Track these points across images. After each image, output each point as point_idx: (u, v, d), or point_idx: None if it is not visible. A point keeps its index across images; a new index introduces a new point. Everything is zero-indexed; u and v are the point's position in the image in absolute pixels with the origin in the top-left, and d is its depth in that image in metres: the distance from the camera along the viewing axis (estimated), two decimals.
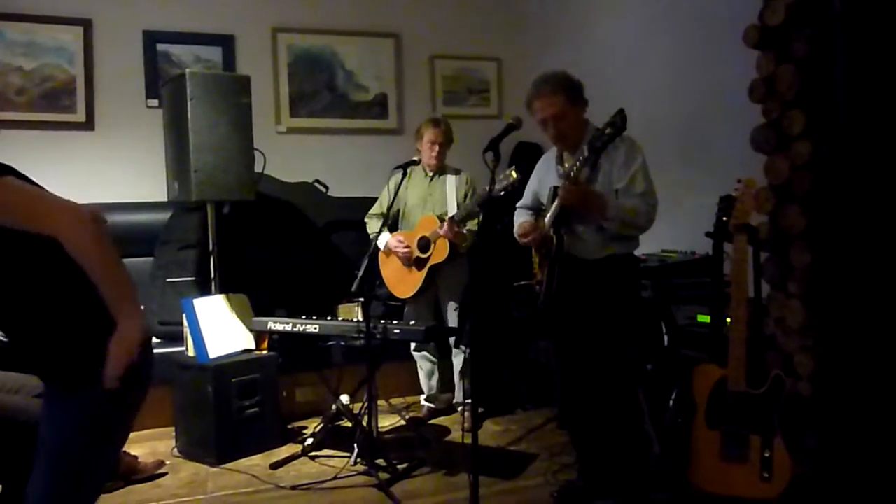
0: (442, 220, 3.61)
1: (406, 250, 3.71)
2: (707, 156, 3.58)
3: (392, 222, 3.84)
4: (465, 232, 3.61)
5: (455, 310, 3.74)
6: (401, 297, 3.78)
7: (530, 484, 3.08)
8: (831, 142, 2.49)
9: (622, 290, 2.71)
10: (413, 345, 3.90)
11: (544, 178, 2.88)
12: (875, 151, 2.43)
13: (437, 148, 3.72)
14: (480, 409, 3.83)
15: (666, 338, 3.20)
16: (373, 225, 3.86)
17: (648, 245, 3.19)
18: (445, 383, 3.95)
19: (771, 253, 2.71)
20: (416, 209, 3.78)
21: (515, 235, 2.92)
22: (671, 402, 2.93)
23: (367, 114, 5.08)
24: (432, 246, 3.65)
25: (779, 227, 2.66)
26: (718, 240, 2.66)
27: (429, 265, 3.65)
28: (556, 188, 2.70)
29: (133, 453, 3.21)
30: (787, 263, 2.64)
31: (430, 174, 3.81)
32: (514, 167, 3.17)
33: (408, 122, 5.06)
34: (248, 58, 4.77)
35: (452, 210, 3.65)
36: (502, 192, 3.10)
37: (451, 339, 3.76)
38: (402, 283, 3.75)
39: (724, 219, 2.57)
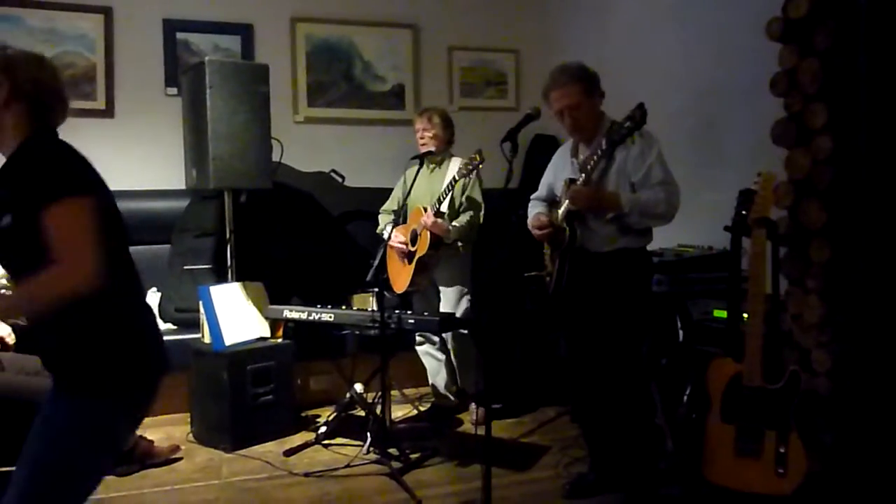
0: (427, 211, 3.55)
1: (401, 244, 3.68)
2: (725, 150, 3.55)
3: (404, 216, 3.79)
4: (444, 222, 3.52)
5: (449, 300, 3.66)
6: (397, 291, 3.73)
7: (542, 476, 3.09)
8: (853, 137, 2.45)
9: (631, 284, 2.70)
10: (418, 339, 3.84)
11: (560, 170, 2.88)
12: None
13: (422, 137, 3.68)
14: (496, 406, 3.79)
15: (681, 333, 3.18)
16: (382, 220, 3.85)
17: (664, 239, 3.17)
18: (451, 374, 3.85)
19: (790, 248, 2.69)
20: (419, 201, 3.70)
21: (529, 227, 2.92)
22: (685, 398, 2.92)
23: (384, 104, 5.08)
24: (418, 238, 3.61)
25: (798, 223, 2.63)
26: (737, 234, 2.63)
27: (416, 258, 3.60)
28: (571, 180, 2.69)
29: (149, 437, 3.25)
30: (805, 259, 2.61)
31: (432, 167, 3.76)
32: (479, 150, 3.35)
33: None
34: (267, 47, 4.78)
35: (447, 199, 3.57)
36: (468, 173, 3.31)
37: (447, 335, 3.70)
38: (398, 277, 3.73)
39: (743, 213, 2.54)
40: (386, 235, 3.68)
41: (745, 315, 2.50)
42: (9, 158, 1.58)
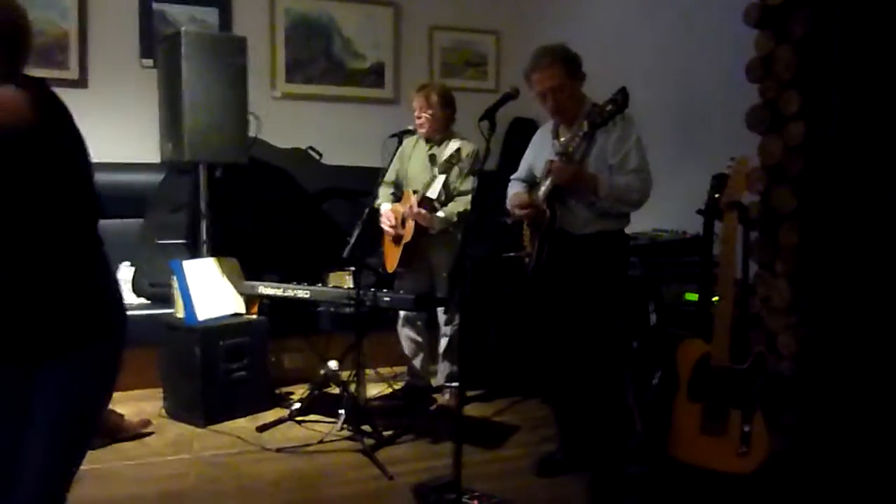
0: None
1: (391, 224, 3.64)
2: (701, 135, 3.59)
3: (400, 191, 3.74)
4: (427, 213, 3.44)
5: (443, 288, 3.61)
6: (388, 269, 3.71)
7: (511, 454, 3.13)
8: (825, 124, 2.50)
9: (610, 267, 2.73)
10: (399, 321, 3.80)
11: (539, 151, 2.89)
12: (868, 135, 2.44)
13: (419, 117, 3.57)
14: (471, 393, 3.80)
15: (653, 316, 3.23)
16: (381, 193, 3.68)
17: (639, 223, 3.20)
18: (432, 356, 3.85)
19: (760, 232, 2.74)
20: (415, 180, 3.63)
21: (509, 207, 2.93)
22: (655, 380, 2.96)
23: (363, 82, 5.05)
24: (406, 223, 3.57)
25: (769, 207, 2.68)
26: (709, 218, 2.67)
27: (402, 243, 3.57)
28: (551, 162, 2.70)
29: (120, 412, 3.23)
30: (775, 243, 2.66)
31: (429, 143, 3.67)
32: (458, 149, 3.35)
33: (404, 93, 5.02)
34: (245, 20, 4.71)
35: (436, 186, 3.47)
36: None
37: (442, 320, 3.71)
38: (389, 256, 3.71)
39: (717, 196, 2.58)
40: (383, 211, 3.63)
41: (716, 298, 2.54)
42: None
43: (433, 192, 3.49)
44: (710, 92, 3.50)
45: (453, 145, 3.52)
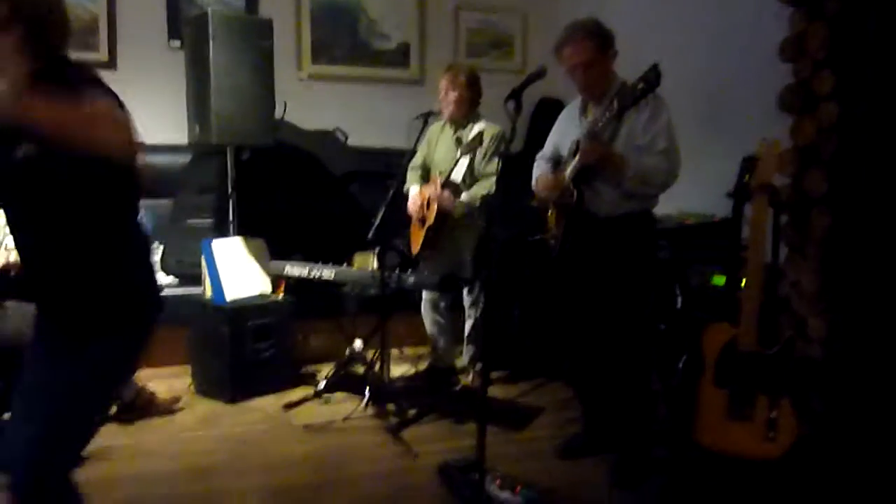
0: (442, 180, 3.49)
1: (417, 206, 3.63)
2: (731, 117, 3.52)
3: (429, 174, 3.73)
4: (450, 196, 3.44)
5: (468, 272, 3.61)
6: (413, 252, 3.71)
7: (535, 436, 3.14)
8: (859, 104, 2.43)
9: (637, 248, 2.70)
10: (423, 303, 3.80)
11: (566, 130, 2.85)
12: None
13: (446, 96, 3.54)
14: (495, 374, 3.80)
15: (679, 299, 3.20)
16: (410, 177, 3.69)
17: (666, 206, 3.16)
18: (457, 338, 3.85)
19: (791, 216, 2.69)
20: (441, 164, 3.62)
21: (534, 188, 2.90)
22: (681, 364, 2.94)
23: (388, 63, 5.03)
24: (430, 205, 3.56)
25: (801, 190, 2.63)
26: (739, 201, 2.64)
27: (426, 226, 3.57)
28: (578, 141, 2.67)
29: (150, 389, 3.30)
30: (806, 227, 2.62)
31: (453, 125, 3.65)
32: (481, 132, 3.34)
33: (429, 73, 5.00)
34: (271, 2, 4.71)
35: (460, 168, 3.48)
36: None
37: (467, 301, 3.72)
38: (414, 238, 3.71)
39: (747, 178, 2.54)
40: (411, 194, 3.63)
41: (744, 282, 2.51)
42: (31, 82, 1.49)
43: (457, 176, 3.49)
44: (741, 72, 3.43)
45: (478, 128, 3.51)
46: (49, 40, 1.52)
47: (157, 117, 4.39)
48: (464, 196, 3.50)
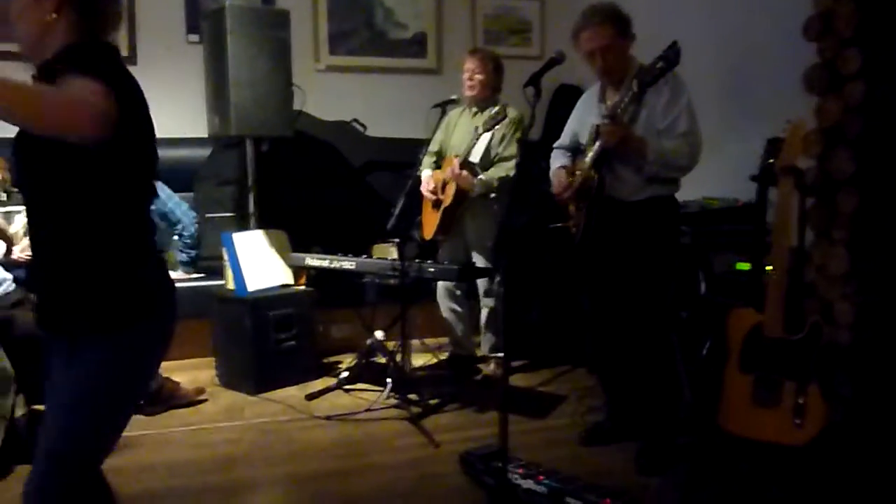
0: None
1: (431, 189, 3.65)
2: (754, 98, 3.46)
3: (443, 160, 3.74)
4: (468, 175, 3.46)
5: (481, 257, 3.62)
6: (426, 237, 3.74)
7: (558, 423, 3.13)
8: (886, 83, 2.37)
9: (661, 233, 2.68)
10: (439, 292, 3.81)
11: (585, 116, 2.83)
12: None
13: (471, 79, 3.57)
14: (515, 364, 3.79)
15: (703, 286, 3.16)
16: (424, 161, 3.70)
17: (689, 191, 3.12)
18: (474, 326, 3.87)
19: (817, 198, 2.63)
20: (458, 147, 3.62)
21: (553, 189, 2.86)
22: (705, 350, 2.91)
23: (405, 53, 5.01)
24: (446, 187, 3.58)
25: (826, 172, 2.57)
26: (764, 184, 2.59)
27: (442, 207, 3.58)
28: (598, 126, 2.64)
29: (175, 379, 3.33)
30: (833, 209, 2.56)
31: (475, 109, 3.66)
32: (504, 105, 3.36)
33: (446, 62, 4.98)
34: None
35: (478, 149, 3.50)
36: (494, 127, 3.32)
37: (481, 289, 3.71)
38: (428, 223, 3.72)
39: (771, 161, 2.49)
40: (424, 177, 3.64)
41: (769, 267, 2.47)
42: (49, 59, 1.48)
43: (475, 156, 3.50)
44: (763, 52, 3.36)
45: (491, 110, 3.50)
46: (98, 28, 1.52)
47: (177, 111, 4.44)
48: (482, 175, 3.50)
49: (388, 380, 3.31)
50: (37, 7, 1.46)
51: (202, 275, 4.09)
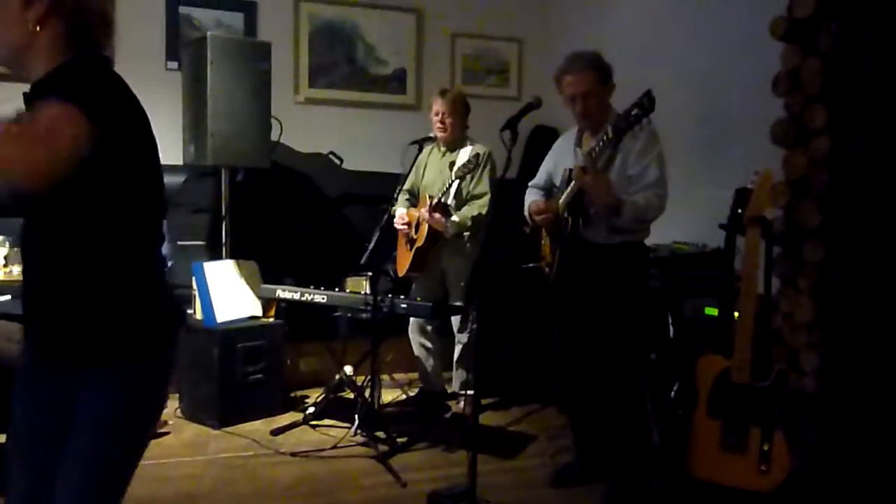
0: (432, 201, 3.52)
1: (404, 227, 3.66)
2: (724, 148, 3.55)
3: (416, 199, 3.77)
4: (440, 217, 3.47)
5: (457, 298, 3.61)
6: (399, 273, 3.74)
7: (528, 464, 3.11)
8: (851, 139, 2.46)
9: (630, 278, 2.72)
10: (411, 327, 3.81)
11: (560, 159, 2.88)
12: (894, 150, 2.41)
13: (443, 121, 3.59)
14: (486, 401, 3.78)
15: (672, 329, 3.19)
16: (399, 200, 3.72)
17: (660, 235, 3.17)
18: (446, 362, 3.85)
19: (783, 248, 2.70)
20: (430, 187, 3.67)
21: (526, 214, 2.91)
22: (673, 393, 2.93)
23: (385, 88, 5.06)
24: (420, 227, 3.60)
25: (793, 222, 2.64)
26: (732, 232, 2.64)
27: (414, 247, 3.60)
28: (570, 171, 2.69)
29: None
30: (799, 259, 2.63)
31: (444, 149, 3.71)
32: (478, 154, 3.38)
33: (425, 99, 5.02)
34: (270, 26, 4.74)
35: (451, 190, 3.52)
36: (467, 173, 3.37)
37: (456, 326, 3.71)
38: (401, 260, 3.73)
39: (739, 211, 2.55)
40: (398, 214, 3.65)
41: (737, 313, 2.51)
42: (42, 78, 1.41)
43: (449, 198, 3.52)
44: (734, 105, 3.47)
45: (471, 150, 3.56)
46: (88, 42, 1.45)
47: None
48: (455, 217, 3.52)
49: (356, 416, 3.26)
50: (20, 17, 1.38)
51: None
